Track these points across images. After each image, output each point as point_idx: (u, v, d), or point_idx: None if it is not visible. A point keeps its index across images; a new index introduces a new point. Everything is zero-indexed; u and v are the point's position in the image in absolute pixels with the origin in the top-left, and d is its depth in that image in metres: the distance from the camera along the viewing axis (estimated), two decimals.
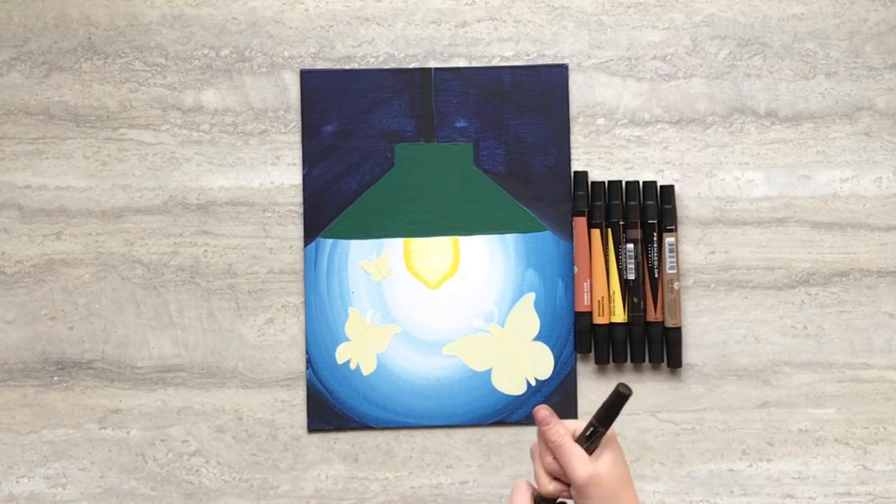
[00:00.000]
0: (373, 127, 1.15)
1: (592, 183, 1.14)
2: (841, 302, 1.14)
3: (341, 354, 1.14)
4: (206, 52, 1.16)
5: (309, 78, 1.15)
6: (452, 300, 1.14)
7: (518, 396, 1.13)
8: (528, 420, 1.13)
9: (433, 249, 1.14)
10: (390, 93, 1.15)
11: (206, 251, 1.15)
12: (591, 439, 0.90)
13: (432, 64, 1.15)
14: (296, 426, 1.14)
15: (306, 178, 1.15)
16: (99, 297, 1.15)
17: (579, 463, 0.90)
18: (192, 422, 1.14)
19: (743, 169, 1.14)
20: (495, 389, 1.14)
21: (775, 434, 1.13)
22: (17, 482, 1.14)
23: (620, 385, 0.89)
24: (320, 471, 1.14)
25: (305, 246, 1.15)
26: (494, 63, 1.15)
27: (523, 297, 1.14)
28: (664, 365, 1.13)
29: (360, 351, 1.14)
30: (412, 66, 1.15)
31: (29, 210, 1.15)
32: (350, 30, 1.16)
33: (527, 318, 1.14)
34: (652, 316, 1.12)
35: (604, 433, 0.90)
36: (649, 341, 1.13)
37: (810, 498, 1.12)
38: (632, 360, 1.13)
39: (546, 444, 0.91)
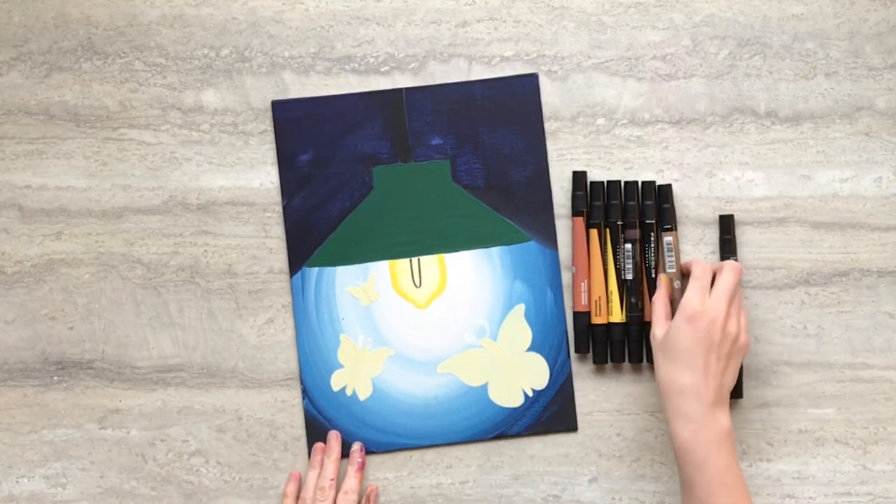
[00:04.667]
0: (348, 152, 1.15)
1: (591, 183, 1.14)
2: (841, 302, 1.14)
3: (336, 382, 1.14)
4: (206, 52, 1.16)
5: (280, 109, 1.15)
6: (443, 318, 1.14)
7: (516, 409, 1.13)
8: (528, 431, 1.13)
9: (420, 269, 1.14)
10: (362, 116, 1.15)
11: (206, 251, 1.15)
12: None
13: (432, 65, 1.15)
14: (296, 426, 1.14)
15: (287, 209, 1.14)
16: (99, 297, 1.15)
17: (656, 322, 1.04)
18: (192, 422, 1.14)
19: (743, 169, 1.14)
20: (493, 403, 1.14)
21: (775, 434, 1.13)
22: (17, 482, 1.14)
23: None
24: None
25: (291, 277, 1.14)
26: (494, 63, 1.15)
27: (513, 309, 1.14)
28: None
29: (354, 376, 1.14)
30: (385, 87, 1.15)
31: (29, 210, 1.15)
32: (350, 30, 1.16)
33: (518, 329, 1.13)
34: (650, 315, 1.12)
35: None
36: (646, 341, 1.13)
37: (810, 498, 1.12)
38: (629, 360, 1.13)
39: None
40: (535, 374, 1.13)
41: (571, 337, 1.13)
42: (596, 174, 1.14)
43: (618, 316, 1.12)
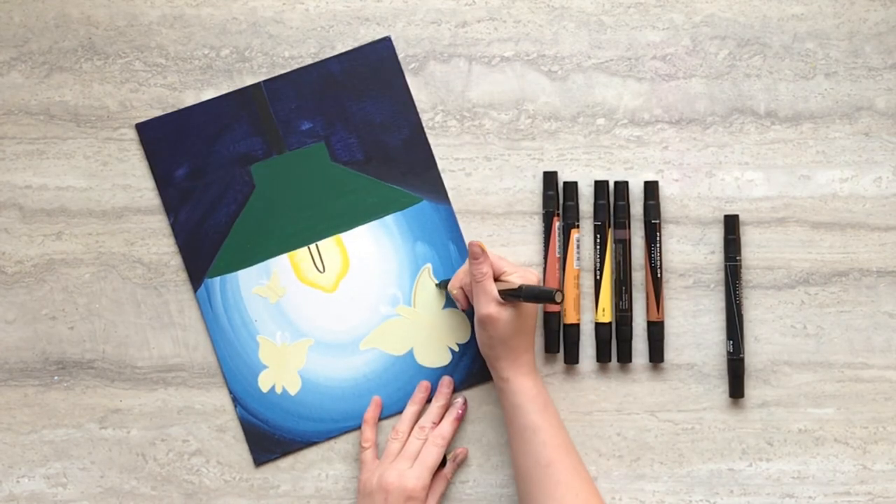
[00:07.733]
0: (222, 157, 1.14)
1: (565, 183, 1.13)
2: (840, 302, 1.14)
3: (264, 383, 1.14)
4: (206, 52, 1.16)
5: (145, 130, 1.14)
6: (354, 296, 1.14)
7: (445, 367, 1.14)
8: (463, 385, 1.13)
9: (320, 254, 1.14)
10: (228, 118, 1.14)
11: None
12: (508, 294, 1.02)
13: (432, 65, 1.15)
14: None
15: (174, 226, 1.14)
16: (99, 297, 1.15)
17: (486, 301, 1.03)
18: (192, 422, 1.14)
19: (743, 169, 1.14)
20: (422, 367, 1.14)
21: (775, 434, 1.13)
22: (18, 482, 1.14)
23: (557, 294, 0.98)
24: (320, 471, 1.14)
25: (196, 291, 1.14)
26: (494, 63, 1.15)
27: (421, 270, 1.14)
28: (663, 364, 1.13)
29: (280, 374, 1.14)
30: (248, 83, 1.14)
31: (29, 210, 1.15)
32: (350, 30, 1.16)
33: (430, 289, 1.14)
34: (653, 315, 1.12)
35: (521, 300, 1.01)
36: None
37: (810, 497, 1.12)
38: (618, 360, 1.13)
39: (470, 275, 1.05)
40: (456, 329, 1.14)
41: (543, 336, 1.13)
42: (596, 174, 1.14)
43: (608, 316, 1.12)
